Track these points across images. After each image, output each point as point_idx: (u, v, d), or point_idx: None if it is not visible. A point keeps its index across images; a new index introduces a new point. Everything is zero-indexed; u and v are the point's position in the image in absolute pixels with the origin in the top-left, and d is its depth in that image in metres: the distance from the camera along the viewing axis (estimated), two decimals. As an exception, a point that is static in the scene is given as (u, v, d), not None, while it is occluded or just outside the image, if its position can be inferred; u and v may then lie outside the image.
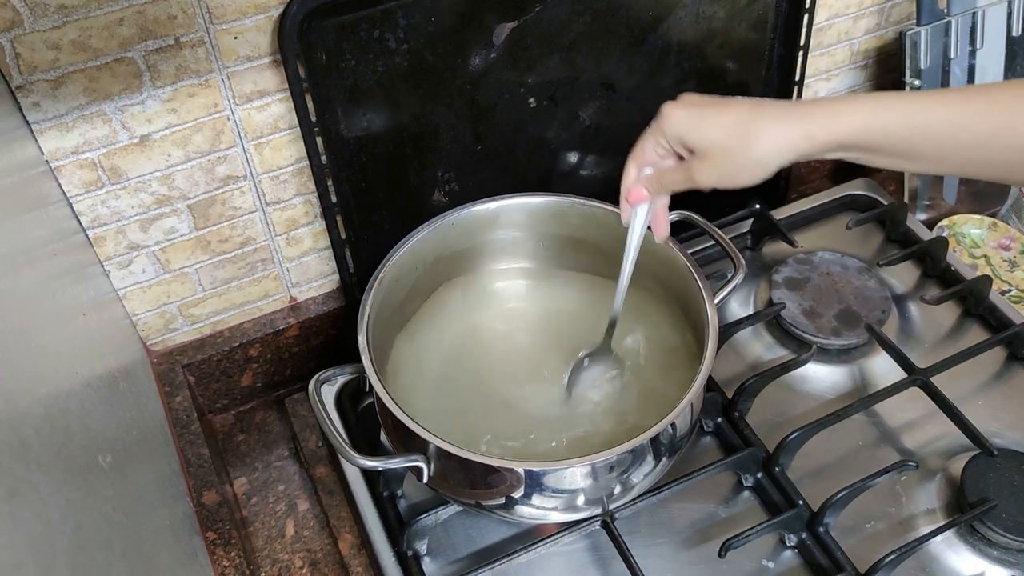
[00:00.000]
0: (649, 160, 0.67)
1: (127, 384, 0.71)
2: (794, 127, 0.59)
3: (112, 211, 0.75)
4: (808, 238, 1.02)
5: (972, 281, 0.92)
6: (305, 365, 0.95)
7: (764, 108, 0.61)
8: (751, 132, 0.60)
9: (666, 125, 0.64)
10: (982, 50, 1.02)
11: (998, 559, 0.75)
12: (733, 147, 0.61)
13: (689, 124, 0.63)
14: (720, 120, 0.61)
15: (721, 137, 0.61)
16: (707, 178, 0.63)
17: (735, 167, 0.62)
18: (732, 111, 0.61)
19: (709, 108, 0.62)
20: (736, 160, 0.61)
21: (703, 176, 0.63)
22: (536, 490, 0.68)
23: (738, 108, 0.61)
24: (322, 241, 0.88)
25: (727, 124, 0.61)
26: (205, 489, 0.79)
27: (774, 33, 0.92)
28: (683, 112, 0.63)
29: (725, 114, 0.61)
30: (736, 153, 0.61)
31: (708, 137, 0.62)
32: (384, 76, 0.75)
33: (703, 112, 0.62)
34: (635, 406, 0.78)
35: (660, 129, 0.64)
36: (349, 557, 0.79)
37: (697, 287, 0.76)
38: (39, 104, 0.66)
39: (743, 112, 0.61)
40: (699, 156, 0.63)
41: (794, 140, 0.59)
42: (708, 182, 0.63)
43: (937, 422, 0.83)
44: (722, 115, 0.61)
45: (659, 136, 0.65)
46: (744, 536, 0.74)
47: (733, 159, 0.61)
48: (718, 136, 0.61)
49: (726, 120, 0.61)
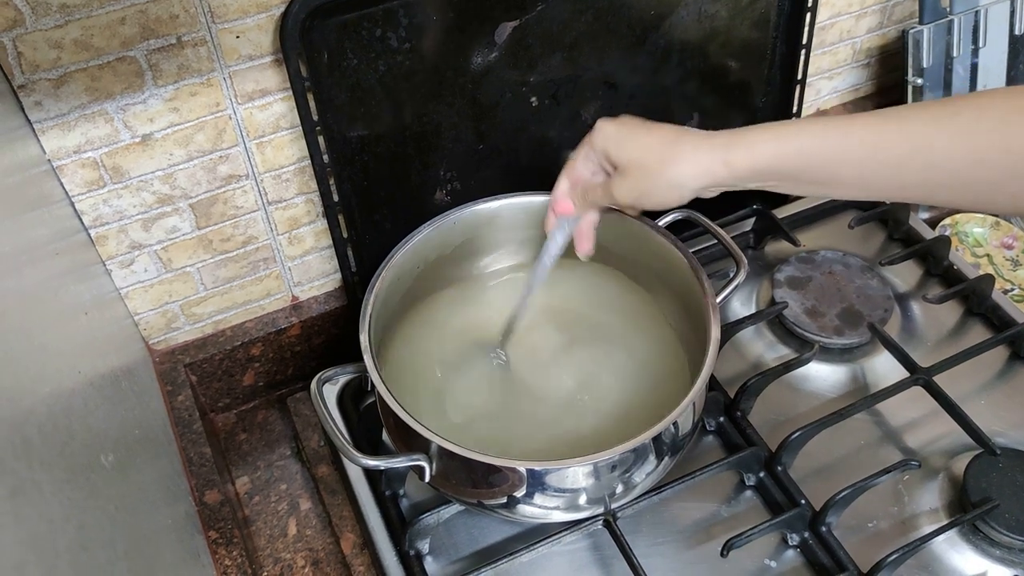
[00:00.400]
0: (580, 175, 0.70)
1: (129, 383, 0.71)
2: (712, 153, 0.61)
3: (114, 210, 0.75)
4: (810, 237, 1.02)
5: (974, 280, 0.92)
6: (307, 364, 0.95)
7: (687, 134, 0.63)
8: (670, 154, 0.62)
9: (596, 138, 0.66)
10: (985, 48, 1.02)
11: (1000, 559, 0.75)
12: (651, 167, 0.63)
13: (615, 140, 0.65)
14: (644, 139, 0.64)
15: (641, 155, 0.64)
16: (625, 195, 0.66)
17: (652, 187, 0.64)
18: (657, 133, 0.64)
19: (638, 128, 0.65)
20: (653, 180, 0.64)
21: (621, 193, 0.66)
22: (538, 489, 0.68)
23: (663, 131, 0.64)
24: (324, 240, 0.88)
25: (649, 144, 0.64)
26: (207, 488, 0.79)
27: (776, 32, 0.92)
28: (613, 128, 0.66)
29: (650, 135, 0.64)
30: (654, 173, 0.63)
31: (630, 154, 0.64)
32: (386, 75, 0.75)
33: (632, 130, 0.65)
34: (637, 405, 0.78)
35: (590, 142, 0.67)
36: (351, 556, 0.79)
37: (699, 286, 0.76)
38: (41, 103, 0.66)
39: (666, 135, 0.63)
40: (620, 172, 0.65)
41: (710, 166, 0.62)
42: (626, 199, 0.66)
43: (939, 421, 0.83)
44: (647, 135, 0.64)
45: (589, 150, 0.67)
46: (746, 535, 0.74)
47: (651, 179, 0.64)
48: (639, 154, 0.64)
49: (649, 140, 0.64)
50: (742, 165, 0.61)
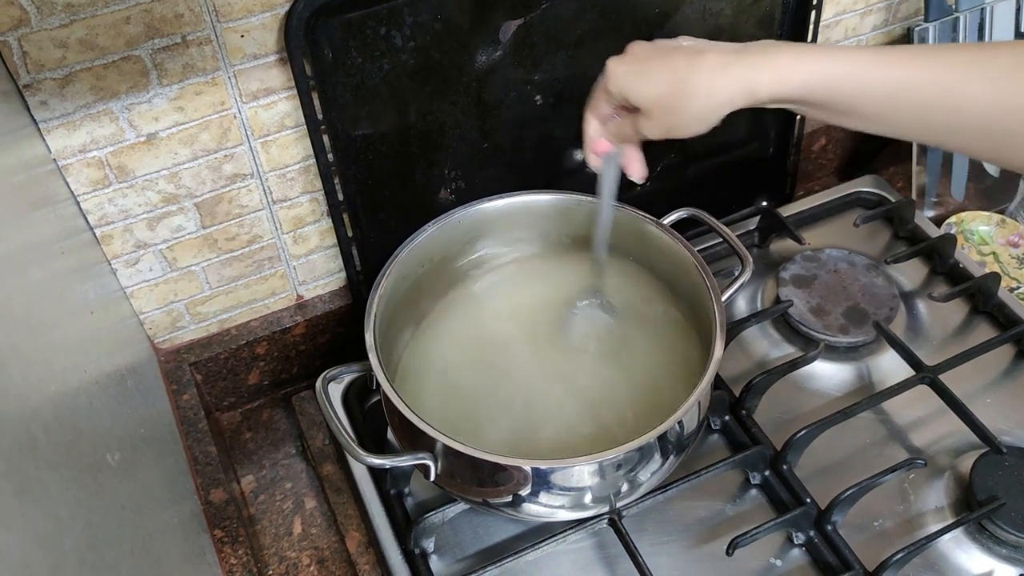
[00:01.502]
0: (604, 113, 0.68)
1: (135, 382, 0.71)
2: (733, 81, 0.59)
3: (119, 209, 0.75)
4: (815, 235, 1.02)
5: (980, 278, 0.92)
6: (312, 363, 0.95)
7: (703, 60, 0.60)
8: (688, 89, 0.60)
9: (610, 83, 0.64)
10: (990, 46, 1.02)
11: (1007, 557, 0.75)
12: (672, 104, 0.61)
13: (629, 82, 0.63)
14: (658, 77, 0.61)
15: (660, 94, 0.61)
16: (653, 132, 0.64)
17: (678, 122, 0.62)
18: (670, 66, 0.61)
19: (650, 63, 0.62)
20: (677, 116, 0.61)
21: (650, 131, 0.64)
22: (543, 488, 0.68)
23: (675, 62, 0.61)
24: (329, 239, 0.88)
25: (665, 81, 0.61)
26: (212, 487, 0.79)
27: (781, 30, 0.92)
28: (624, 68, 0.63)
29: (663, 70, 0.61)
30: (676, 110, 0.61)
31: (647, 95, 0.62)
32: (390, 74, 0.75)
33: (644, 68, 0.62)
34: (642, 404, 0.78)
35: (605, 88, 0.65)
36: (356, 555, 0.79)
37: (704, 284, 0.76)
38: (46, 103, 0.66)
39: (680, 67, 0.60)
40: (643, 113, 0.63)
41: (733, 95, 0.59)
42: (655, 135, 0.64)
43: (945, 420, 0.82)
44: (660, 71, 0.61)
45: (605, 93, 0.65)
46: (752, 534, 0.74)
47: (674, 115, 0.61)
48: (657, 94, 0.61)
49: (664, 76, 0.61)
50: (765, 92, 0.59)
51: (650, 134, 0.64)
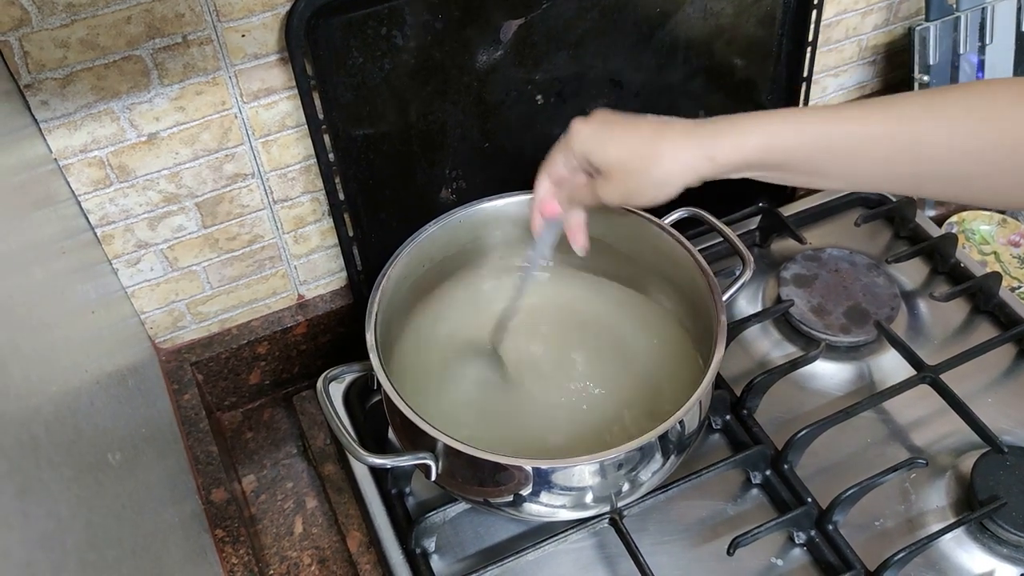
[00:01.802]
0: (560, 174, 0.68)
1: (136, 382, 0.71)
2: (695, 150, 0.60)
3: (120, 209, 0.75)
4: (816, 235, 1.02)
5: (981, 278, 0.92)
6: (313, 363, 0.95)
7: (668, 129, 0.61)
8: (652, 154, 0.61)
9: (573, 142, 0.65)
10: (991, 45, 1.02)
11: (1008, 557, 0.75)
12: (635, 168, 0.62)
13: (594, 143, 0.63)
14: (624, 140, 0.62)
15: (623, 157, 0.62)
16: (611, 196, 0.64)
17: (637, 187, 0.63)
18: (636, 132, 0.62)
19: (616, 127, 0.63)
20: (638, 180, 0.62)
21: (607, 194, 0.64)
22: (544, 487, 0.68)
23: (642, 129, 0.62)
24: (330, 239, 0.88)
25: (630, 144, 0.62)
26: (214, 487, 0.79)
27: (782, 29, 0.92)
28: (590, 130, 0.64)
29: (629, 134, 0.62)
30: (637, 173, 0.62)
31: (611, 157, 0.63)
32: (391, 73, 0.75)
33: (610, 131, 0.63)
34: (643, 403, 0.78)
35: (568, 146, 0.65)
36: (357, 554, 0.79)
37: (705, 284, 0.76)
38: (47, 102, 0.66)
39: (646, 133, 0.62)
40: (603, 174, 0.64)
41: (695, 163, 0.60)
42: (612, 200, 0.65)
43: (946, 419, 0.82)
44: (626, 135, 0.62)
45: (567, 153, 0.66)
46: (753, 534, 0.73)
47: (635, 179, 0.62)
48: (621, 156, 0.62)
49: (630, 141, 0.62)
50: (726, 160, 0.59)
51: (607, 198, 0.65)
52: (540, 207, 0.70)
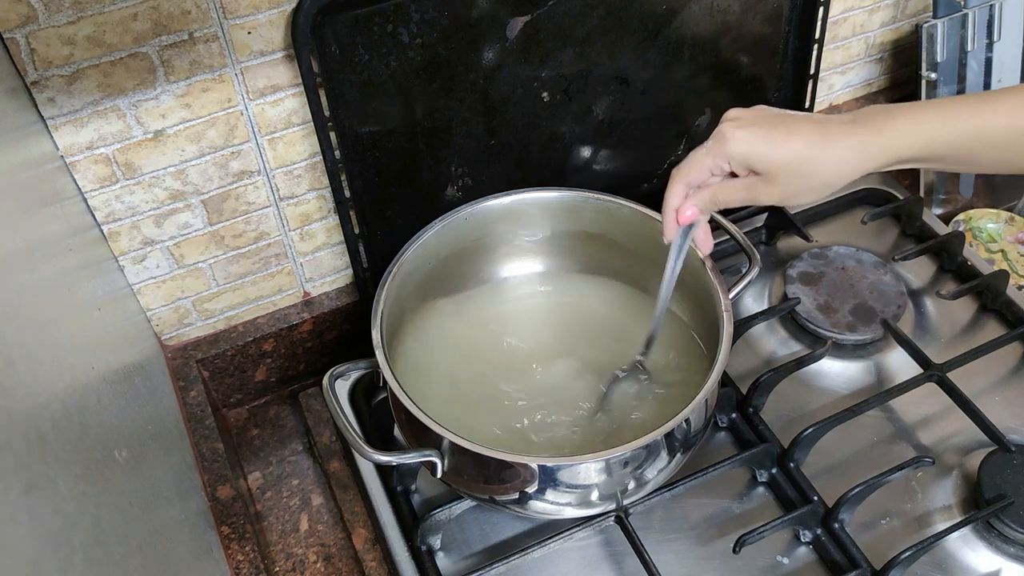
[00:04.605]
0: (700, 179, 0.65)
1: (142, 379, 0.71)
2: (859, 150, 0.60)
3: (126, 206, 0.75)
4: (823, 233, 1.02)
5: (989, 276, 0.92)
6: (319, 360, 0.95)
7: (830, 130, 0.60)
8: (821, 157, 0.60)
9: (731, 148, 0.62)
10: (999, 43, 1.01)
11: (1015, 556, 0.75)
12: (802, 171, 0.60)
13: (755, 146, 0.61)
14: (788, 144, 0.60)
15: (790, 162, 0.60)
16: (773, 198, 0.63)
17: (802, 189, 0.62)
18: (800, 135, 0.60)
19: (775, 130, 0.61)
20: (804, 182, 0.61)
21: (768, 196, 0.63)
22: (550, 485, 0.68)
23: (804, 131, 0.60)
24: (335, 236, 0.88)
25: (796, 148, 0.60)
26: (219, 484, 0.79)
27: (788, 26, 0.92)
28: (748, 134, 0.62)
29: (793, 138, 0.60)
30: (804, 177, 0.61)
31: (776, 162, 0.61)
32: (397, 70, 0.75)
33: (770, 135, 0.61)
34: (649, 402, 0.78)
35: (722, 152, 0.63)
36: (363, 551, 0.79)
37: (712, 282, 0.76)
38: (54, 100, 0.66)
39: (810, 136, 0.60)
40: (765, 178, 0.62)
41: (859, 163, 0.60)
42: (773, 202, 0.63)
43: (953, 418, 0.82)
44: (790, 139, 0.60)
45: (720, 159, 0.63)
46: (758, 532, 0.73)
47: (801, 182, 0.61)
48: (787, 161, 0.61)
49: (795, 144, 0.60)
50: (886, 159, 0.60)
51: (768, 200, 0.63)
52: (678, 215, 0.67)
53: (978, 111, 0.58)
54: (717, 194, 0.65)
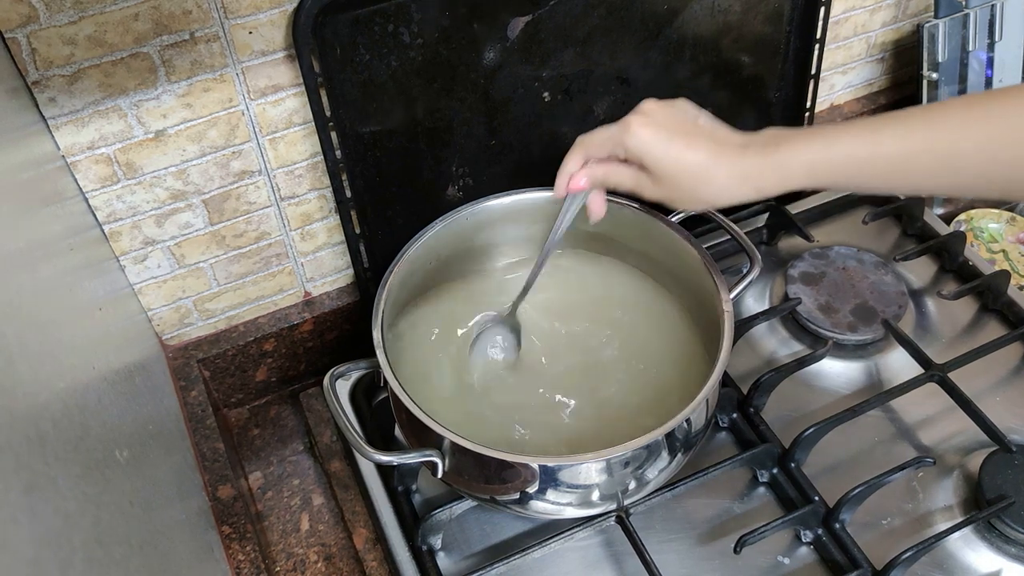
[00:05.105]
0: (598, 155, 0.69)
1: (143, 379, 0.71)
2: (744, 180, 0.63)
3: (127, 206, 0.75)
4: (824, 232, 1.02)
5: (990, 276, 0.92)
6: (320, 360, 0.95)
7: (722, 154, 0.63)
8: (706, 177, 0.63)
9: (629, 142, 0.65)
10: (1001, 42, 1.01)
11: (1016, 556, 0.75)
12: (686, 184, 0.64)
13: (652, 147, 0.64)
14: (683, 156, 0.63)
15: (678, 172, 0.64)
16: (653, 196, 0.67)
17: (682, 198, 0.65)
18: (694, 151, 0.63)
19: (675, 139, 0.64)
20: (685, 193, 0.65)
21: (650, 193, 0.67)
22: (551, 485, 0.68)
23: (700, 148, 0.63)
24: (336, 236, 0.88)
25: (688, 164, 0.63)
26: (220, 483, 0.79)
27: (790, 26, 0.92)
28: (649, 134, 0.64)
29: (688, 150, 0.63)
30: (687, 188, 0.64)
31: (667, 167, 0.64)
32: (398, 70, 0.75)
33: (670, 141, 0.64)
34: (650, 401, 0.78)
35: (622, 142, 0.66)
36: (364, 551, 0.79)
37: (712, 282, 0.75)
38: (55, 99, 0.66)
39: (703, 156, 0.63)
40: (652, 178, 0.65)
41: (742, 191, 0.63)
42: (654, 199, 0.67)
43: (954, 418, 0.82)
44: (686, 150, 0.63)
45: (618, 146, 0.66)
46: (759, 532, 0.73)
47: (683, 191, 0.65)
48: (676, 170, 0.64)
49: (689, 157, 0.63)
50: (772, 189, 0.62)
51: (650, 197, 0.67)
52: (570, 181, 0.71)
53: (863, 140, 0.59)
54: (610, 174, 0.69)
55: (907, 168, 0.58)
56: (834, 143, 0.60)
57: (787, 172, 0.61)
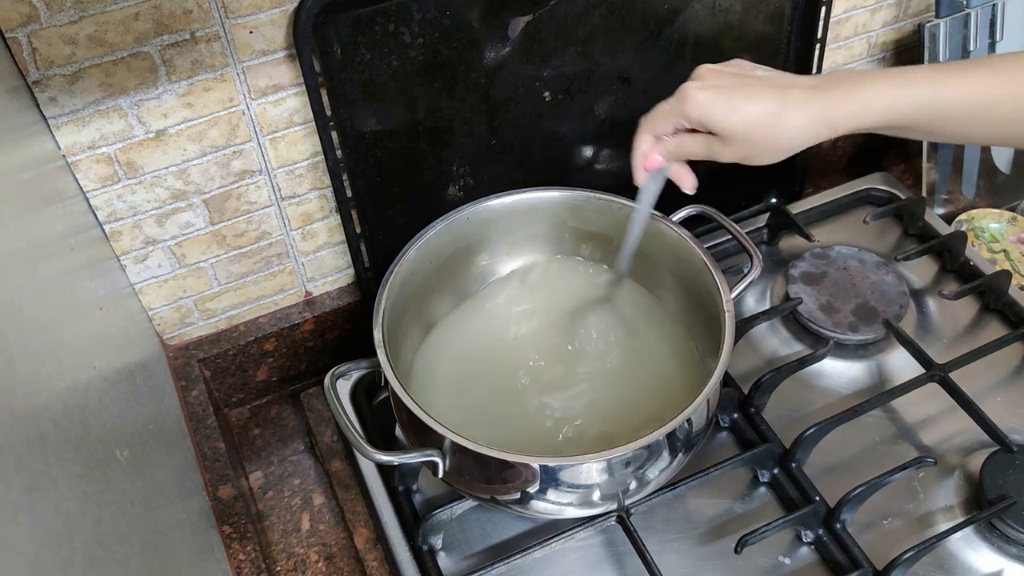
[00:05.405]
0: (664, 131, 0.67)
1: (143, 378, 0.71)
2: (818, 117, 0.60)
3: (128, 206, 0.75)
4: (825, 232, 1.01)
5: (991, 276, 0.92)
6: (320, 359, 0.95)
7: (790, 96, 0.61)
8: (777, 123, 0.61)
9: (689, 108, 0.63)
10: (1002, 42, 1.01)
11: (1017, 556, 0.75)
12: (758, 136, 0.62)
13: (713, 110, 0.62)
14: (746, 109, 0.61)
15: (747, 126, 0.62)
16: (729, 158, 0.64)
17: (759, 151, 0.63)
18: (759, 100, 0.61)
19: (736, 94, 0.62)
20: (760, 146, 0.62)
21: (725, 155, 0.64)
22: (551, 485, 0.67)
23: (764, 96, 0.61)
24: (337, 235, 0.88)
25: (753, 114, 0.61)
26: (221, 483, 0.79)
27: (791, 26, 0.92)
28: (707, 97, 0.63)
29: (751, 102, 0.61)
30: (760, 141, 0.62)
31: (734, 125, 0.62)
32: (399, 70, 0.75)
33: (729, 98, 0.62)
34: (651, 402, 0.78)
35: (682, 111, 0.64)
36: (364, 551, 0.79)
37: (713, 282, 0.75)
38: (56, 99, 0.66)
39: (769, 103, 0.61)
40: (722, 139, 0.63)
41: (816, 130, 0.61)
42: (728, 160, 0.65)
43: (955, 418, 0.82)
44: (748, 103, 0.62)
45: (680, 116, 0.65)
46: (760, 532, 0.73)
47: (757, 145, 0.62)
48: (744, 125, 0.62)
49: (753, 110, 0.61)
50: (846, 127, 0.60)
51: (725, 159, 0.65)
52: (644, 162, 0.69)
53: (940, 83, 0.58)
54: (681, 145, 0.67)
55: (987, 115, 0.58)
56: (915, 84, 0.59)
57: (866, 111, 0.59)
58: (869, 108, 0.59)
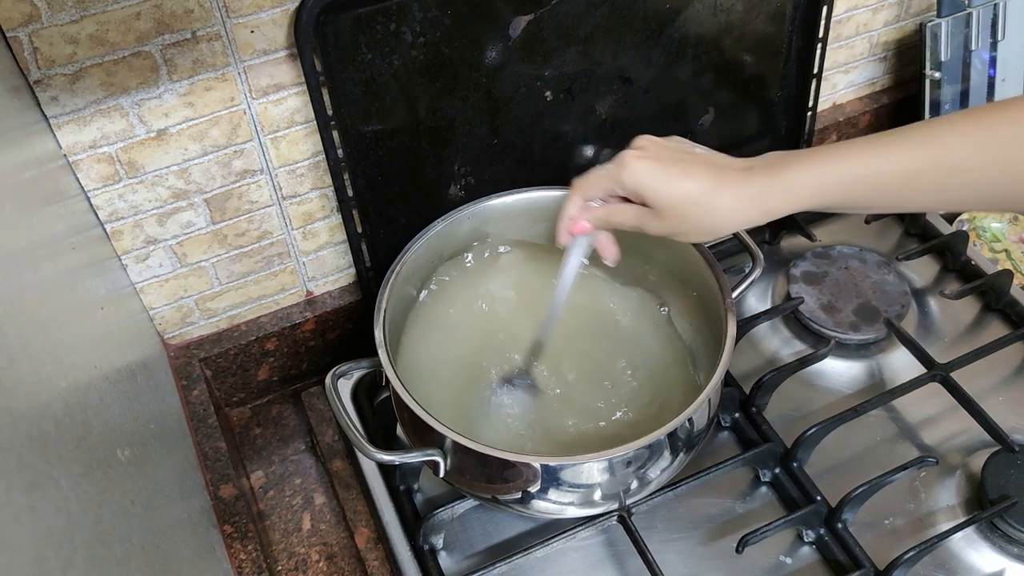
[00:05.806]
0: (596, 196, 0.67)
1: (145, 378, 0.71)
2: (751, 203, 0.61)
3: (129, 205, 0.75)
4: (826, 232, 1.01)
5: (992, 275, 0.92)
6: (321, 359, 0.95)
7: (725, 180, 0.61)
8: (710, 204, 0.61)
9: (625, 176, 0.63)
10: (1003, 41, 1.01)
11: (1018, 556, 0.75)
12: (691, 213, 0.62)
13: (650, 181, 0.63)
14: (682, 186, 0.62)
15: (681, 203, 0.62)
16: (659, 231, 0.64)
17: (689, 228, 0.63)
18: (694, 178, 0.62)
19: (672, 169, 0.62)
20: (691, 223, 0.63)
21: (655, 229, 0.64)
22: (553, 485, 0.67)
23: (699, 176, 0.62)
24: (338, 235, 0.88)
25: (688, 192, 0.61)
26: (222, 482, 0.79)
27: (792, 25, 0.91)
28: (645, 166, 0.63)
29: (687, 180, 0.62)
30: (692, 218, 0.62)
31: (667, 200, 0.62)
32: (400, 70, 0.75)
33: (666, 172, 0.62)
34: (652, 401, 0.78)
35: (618, 178, 0.64)
36: (365, 551, 0.79)
37: (715, 281, 0.75)
38: (57, 98, 0.66)
39: (704, 183, 0.61)
40: (654, 213, 0.63)
41: (748, 215, 0.61)
42: (658, 234, 0.65)
43: (957, 418, 0.82)
44: (684, 181, 0.62)
45: (616, 184, 0.65)
46: (761, 532, 0.73)
47: (689, 222, 0.63)
48: (680, 199, 0.62)
49: (687, 187, 0.61)
50: (780, 210, 0.61)
51: (654, 232, 0.65)
52: (570, 226, 0.69)
53: (867, 157, 0.58)
54: (612, 214, 0.67)
55: (916, 184, 0.58)
56: (841, 161, 0.59)
57: (795, 193, 0.60)
58: (800, 188, 0.59)
